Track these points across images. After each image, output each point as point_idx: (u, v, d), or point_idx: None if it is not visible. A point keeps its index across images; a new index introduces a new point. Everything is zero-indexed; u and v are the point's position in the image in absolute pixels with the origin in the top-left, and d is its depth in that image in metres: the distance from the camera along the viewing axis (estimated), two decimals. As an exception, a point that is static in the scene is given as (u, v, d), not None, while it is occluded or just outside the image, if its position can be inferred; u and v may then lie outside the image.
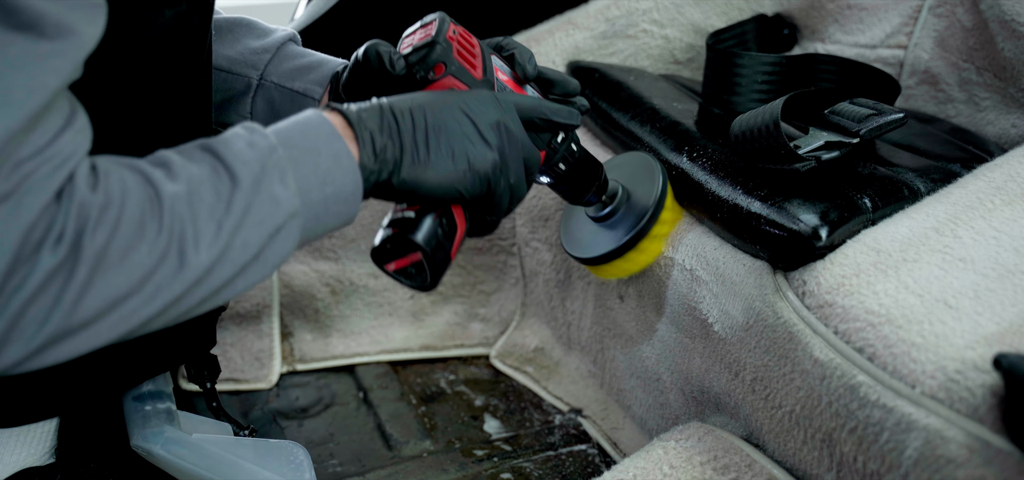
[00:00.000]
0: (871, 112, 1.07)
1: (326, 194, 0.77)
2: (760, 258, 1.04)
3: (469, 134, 0.86)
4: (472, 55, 0.95)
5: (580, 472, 1.29)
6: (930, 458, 0.78)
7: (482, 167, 0.86)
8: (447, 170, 0.85)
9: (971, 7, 1.36)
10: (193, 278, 0.70)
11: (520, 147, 0.90)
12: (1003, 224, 0.94)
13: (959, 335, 0.81)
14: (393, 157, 0.82)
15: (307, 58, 1.07)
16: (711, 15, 1.59)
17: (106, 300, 0.66)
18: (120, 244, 0.67)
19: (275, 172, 0.74)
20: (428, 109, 0.85)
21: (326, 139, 0.78)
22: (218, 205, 0.71)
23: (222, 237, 0.71)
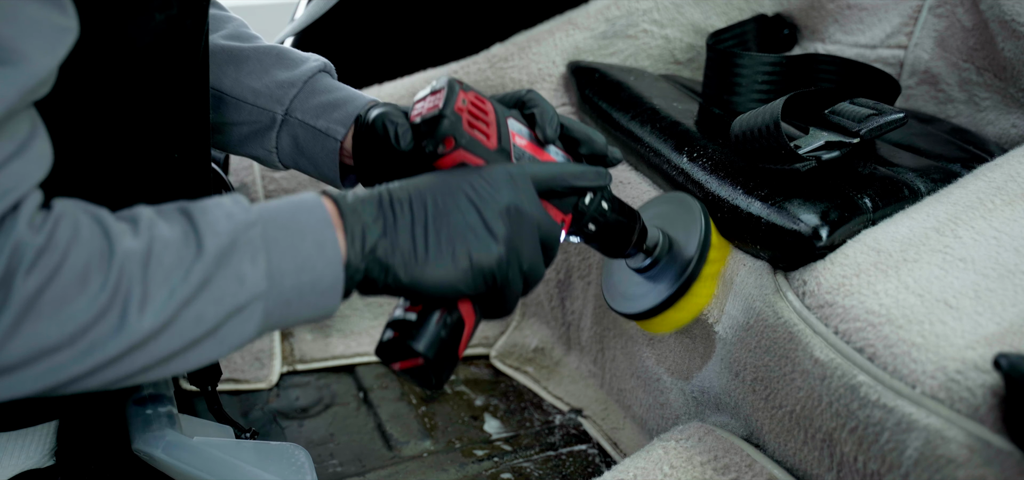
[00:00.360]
0: (871, 112, 1.07)
1: (301, 281, 0.73)
2: (760, 258, 1.04)
3: (473, 226, 0.80)
4: (485, 123, 0.87)
5: (580, 472, 1.29)
6: (930, 458, 0.78)
7: (486, 264, 0.80)
8: (447, 270, 0.79)
9: (971, 7, 1.36)
10: (132, 342, 0.66)
11: (534, 229, 0.83)
12: (1003, 224, 0.94)
13: (959, 335, 0.81)
14: (385, 255, 0.77)
15: (335, 93, 1.01)
16: (711, 15, 1.59)
17: (32, 349, 0.63)
18: (55, 293, 0.63)
19: (246, 249, 0.70)
20: (430, 201, 0.80)
21: (315, 225, 0.74)
22: (175, 272, 0.67)
23: (171, 306, 0.67)
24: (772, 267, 1.03)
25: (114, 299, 0.65)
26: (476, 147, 0.86)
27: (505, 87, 1.53)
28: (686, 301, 1.07)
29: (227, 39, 1.05)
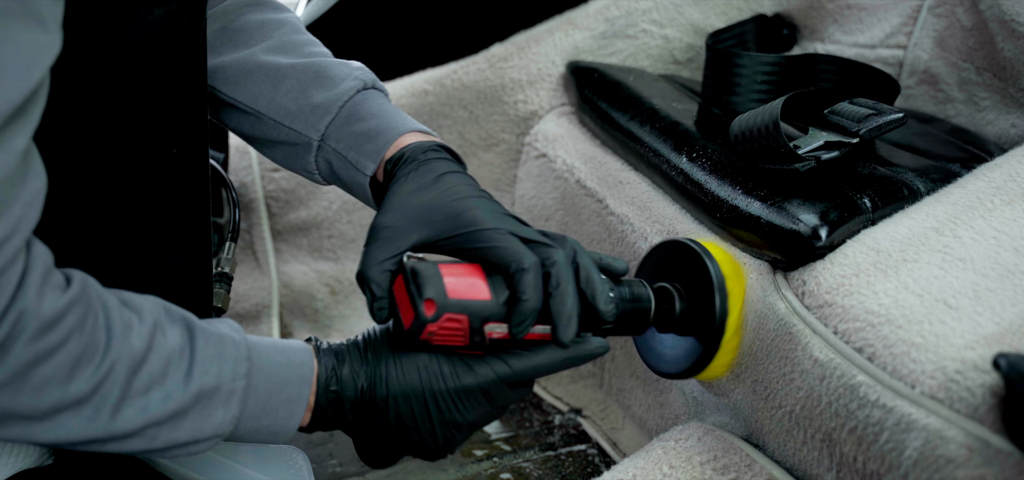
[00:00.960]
0: (870, 112, 1.07)
1: (260, 426, 0.78)
2: (760, 258, 1.04)
3: (444, 426, 0.84)
4: (475, 293, 0.83)
5: (580, 472, 1.28)
6: (930, 458, 0.78)
7: (438, 448, 0.87)
8: (409, 446, 0.86)
9: (971, 7, 1.36)
10: (96, 435, 0.70)
11: (507, 401, 0.86)
12: (1003, 224, 0.94)
13: (959, 335, 0.81)
14: (344, 427, 0.84)
15: (370, 121, 0.96)
16: (711, 15, 1.59)
17: (8, 410, 0.66)
18: (46, 372, 0.66)
19: (226, 397, 0.75)
20: (394, 415, 0.83)
21: (295, 385, 0.79)
22: (155, 392, 0.71)
23: (141, 419, 0.71)
24: (771, 267, 1.03)
25: (94, 395, 0.68)
26: (469, 306, 0.82)
27: (504, 87, 1.53)
28: (726, 340, 1.03)
29: (269, 53, 1.02)
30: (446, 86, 1.53)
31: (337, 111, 0.98)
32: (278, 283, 1.54)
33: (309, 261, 1.57)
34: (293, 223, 1.56)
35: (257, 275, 1.55)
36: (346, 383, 0.82)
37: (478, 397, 0.84)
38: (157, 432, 0.72)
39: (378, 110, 0.98)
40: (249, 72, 1.00)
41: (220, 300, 1.17)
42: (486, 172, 1.58)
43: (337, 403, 0.82)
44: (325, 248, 1.57)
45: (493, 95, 1.54)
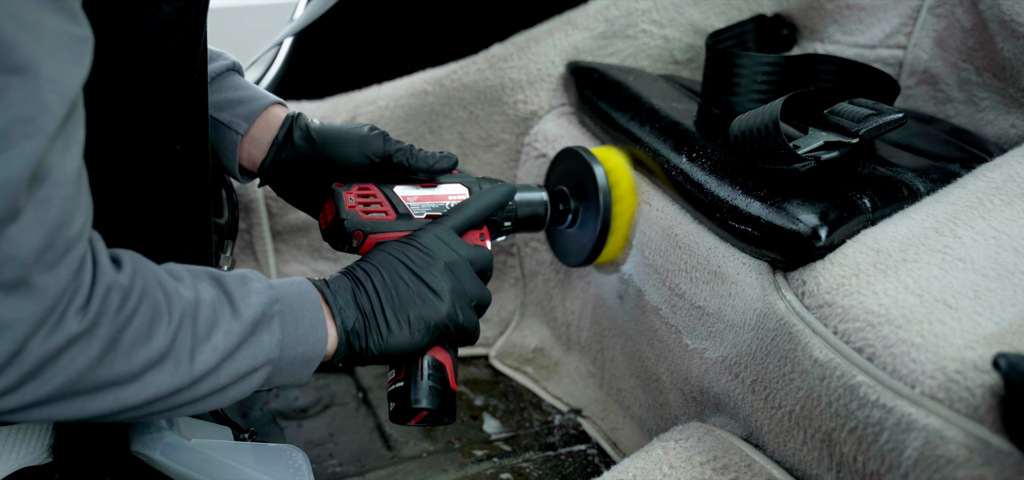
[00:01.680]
0: (870, 112, 1.07)
1: (297, 354, 0.86)
2: (759, 258, 1.04)
3: (420, 293, 0.95)
4: (377, 206, 1.03)
5: (579, 472, 1.29)
6: (930, 458, 0.78)
7: (437, 320, 0.95)
8: (406, 336, 0.93)
9: (970, 7, 1.36)
10: (181, 383, 0.76)
11: (470, 268, 0.99)
12: (1003, 224, 0.94)
13: (959, 335, 0.81)
14: (358, 335, 0.91)
15: (241, 92, 1.09)
16: (710, 15, 1.59)
17: (105, 380, 0.71)
18: (132, 334, 0.72)
19: (270, 322, 0.83)
20: (379, 282, 0.94)
21: (311, 307, 0.87)
22: (217, 330, 0.79)
23: (214, 358, 0.78)
24: (771, 267, 1.03)
25: (173, 345, 0.75)
26: (381, 227, 1.02)
27: (504, 87, 1.53)
28: (617, 223, 1.23)
29: None
30: (446, 86, 1.53)
31: (210, 80, 1.07)
32: (278, 283, 1.54)
33: (308, 261, 1.57)
34: (292, 223, 1.56)
35: (257, 275, 1.55)
36: (341, 285, 0.93)
37: (437, 245, 0.98)
38: (225, 366, 0.79)
39: (248, 85, 1.10)
40: None
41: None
42: (486, 172, 1.58)
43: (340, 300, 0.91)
44: (324, 248, 1.57)
45: (493, 95, 1.54)
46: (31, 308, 0.65)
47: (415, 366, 0.98)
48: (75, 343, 0.68)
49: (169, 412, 0.79)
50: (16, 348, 0.65)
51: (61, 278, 0.66)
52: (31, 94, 0.62)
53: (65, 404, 0.71)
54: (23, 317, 0.65)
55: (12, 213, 0.63)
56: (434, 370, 0.98)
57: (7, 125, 0.61)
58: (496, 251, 1.59)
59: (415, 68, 1.58)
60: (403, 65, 1.58)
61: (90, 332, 0.69)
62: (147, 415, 0.77)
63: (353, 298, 0.92)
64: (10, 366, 0.66)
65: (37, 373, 0.67)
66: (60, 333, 0.67)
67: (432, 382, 0.98)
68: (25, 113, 0.62)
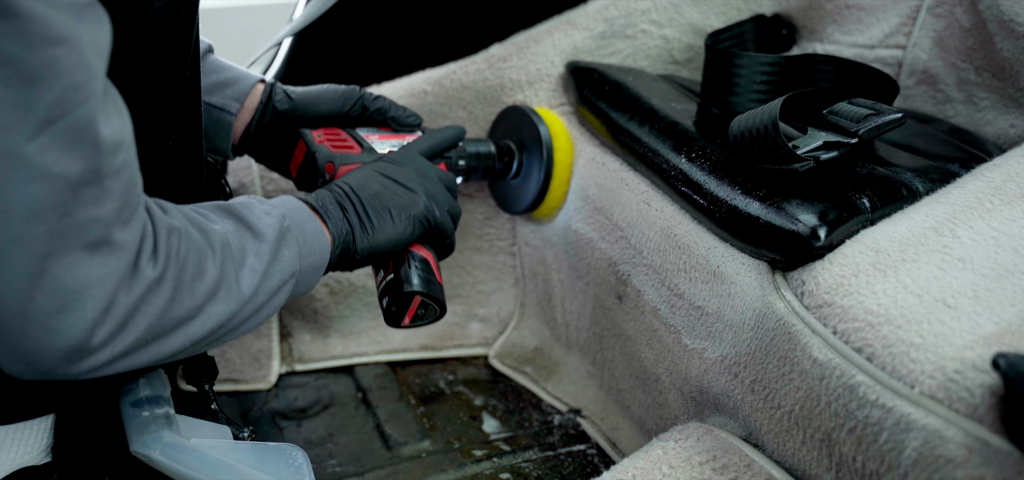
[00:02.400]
0: (869, 112, 1.07)
1: (310, 263, 0.93)
2: (759, 258, 1.04)
3: (396, 193, 1.03)
4: (343, 140, 1.15)
5: (579, 472, 1.29)
6: (929, 458, 0.78)
7: (417, 211, 1.03)
8: (391, 229, 1.01)
9: (970, 7, 1.36)
10: (236, 307, 0.82)
11: (436, 178, 1.08)
12: (1002, 224, 0.94)
13: (958, 335, 0.81)
14: (348, 233, 0.98)
15: (225, 73, 1.15)
16: (710, 15, 1.59)
17: (176, 319, 0.77)
18: (191, 272, 0.77)
19: (287, 238, 0.89)
20: (359, 188, 1.01)
21: (308, 219, 0.94)
22: (249, 252, 0.85)
23: (255, 278, 0.84)
24: (771, 267, 1.03)
25: (223, 274, 0.81)
26: (350, 158, 1.11)
27: (504, 87, 1.53)
28: (557, 169, 1.40)
29: None
30: (445, 86, 1.53)
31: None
32: (277, 283, 1.54)
33: (308, 261, 1.58)
34: (292, 223, 1.56)
35: (256, 275, 1.55)
36: (327, 198, 0.99)
37: (405, 159, 1.08)
38: (265, 283, 0.86)
39: (229, 66, 1.17)
40: None
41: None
42: (485, 172, 1.58)
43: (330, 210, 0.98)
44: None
45: (492, 95, 1.54)
46: (115, 263, 0.70)
47: (402, 259, 1.05)
48: (152, 290, 0.73)
49: (226, 338, 0.85)
50: (107, 303, 0.70)
51: (136, 232, 0.72)
52: (78, 61, 0.66)
53: (146, 350, 0.76)
54: (109, 272, 0.69)
55: (94, 175, 0.67)
56: (420, 263, 1.06)
57: (62, 93, 0.65)
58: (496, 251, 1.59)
59: (414, 68, 1.57)
60: (402, 65, 1.58)
61: (162, 277, 0.74)
62: (209, 345, 0.83)
63: (338, 206, 0.99)
64: (103, 322, 0.70)
65: (124, 324, 0.72)
66: (140, 282, 0.72)
67: (421, 271, 1.06)
68: (76, 79, 0.65)
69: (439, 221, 1.06)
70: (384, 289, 1.06)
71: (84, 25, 0.66)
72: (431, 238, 1.08)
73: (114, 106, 0.71)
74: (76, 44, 0.65)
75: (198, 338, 0.80)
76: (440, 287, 1.08)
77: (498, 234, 1.60)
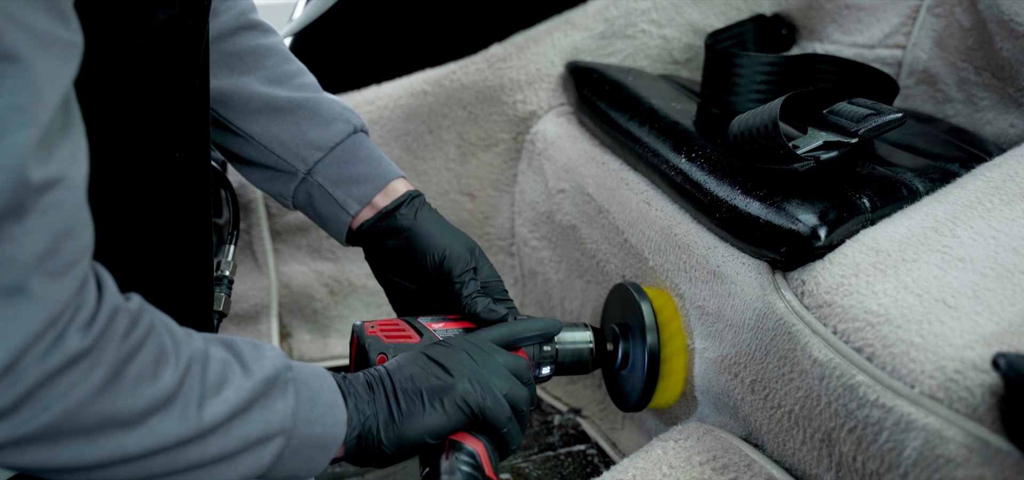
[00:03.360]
0: (869, 112, 1.07)
1: (312, 433, 0.80)
2: (759, 258, 1.04)
3: (432, 373, 0.89)
4: (401, 332, 1.00)
5: (579, 472, 1.28)
6: (929, 458, 0.78)
7: (453, 395, 0.88)
8: (422, 415, 0.87)
9: (969, 7, 1.36)
10: (188, 434, 0.70)
11: (496, 361, 0.93)
12: (1002, 224, 0.94)
13: (958, 335, 0.81)
14: (372, 418, 0.85)
15: (359, 167, 1.07)
16: (710, 15, 1.59)
17: (105, 415, 0.65)
18: (139, 366, 0.67)
19: (283, 387, 0.78)
20: (395, 371, 0.89)
21: (328, 390, 0.82)
22: (228, 384, 0.73)
23: (225, 411, 0.72)
24: (771, 267, 1.03)
25: (180, 389, 0.69)
26: (404, 347, 0.97)
27: (503, 87, 1.53)
28: (666, 371, 1.14)
29: (264, 84, 1.09)
30: (445, 86, 1.53)
31: (328, 151, 1.07)
32: (277, 283, 1.54)
33: (308, 261, 1.57)
34: (292, 223, 1.56)
35: (256, 275, 1.55)
36: (357, 381, 0.87)
37: (462, 342, 0.94)
38: (235, 424, 0.73)
39: (366, 158, 1.08)
40: (246, 99, 1.07)
41: (221, 304, 1.16)
42: (485, 172, 1.58)
43: (357, 389, 0.86)
44: (324, 248, 1.57)
45: (492, 95, 1.54)
46: (29, 317, 0.60)
47: (440, 451, 0.89)
48: (76, 365, 0.63)
49: (173, 475, 0.71)
50: (10, 360, 0.59)
51: (64, 290, 0.62)
52: (24, 81, 0.58)
53: (61, 444, 0.64)
54: (19, 327, 0.59)
55: (15, 210, 0.58)
56: (467, 456, 0.89)
57: (1, 111, 0.58)
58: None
59: (414, 68, 1.58)
60: (402, 65, 1.58)
61: (92, 354, 0.64)
62: (148, 473, 0.70)
63: (367, 386, 0.87)
64: (1, 382, 0.60)
65: (32, 396, 0.61)
66: (60, 351, 0.62)
67: (464, 464, 0.89)
68: (19, 101, 0.58)
69: (485, 407, 0.89)
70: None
71: (44, 53, 0.60)
72: (480, 427, 0.90)
73: (68, 144, 0.63)
74: (27, 67, 0.58)
75: (133, 454, 0.67)
76: None
77: (497, 234, 1.60)
